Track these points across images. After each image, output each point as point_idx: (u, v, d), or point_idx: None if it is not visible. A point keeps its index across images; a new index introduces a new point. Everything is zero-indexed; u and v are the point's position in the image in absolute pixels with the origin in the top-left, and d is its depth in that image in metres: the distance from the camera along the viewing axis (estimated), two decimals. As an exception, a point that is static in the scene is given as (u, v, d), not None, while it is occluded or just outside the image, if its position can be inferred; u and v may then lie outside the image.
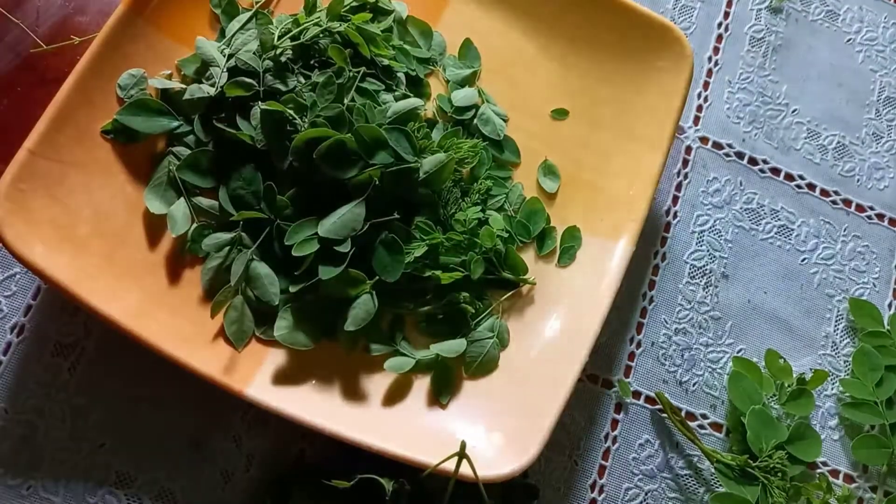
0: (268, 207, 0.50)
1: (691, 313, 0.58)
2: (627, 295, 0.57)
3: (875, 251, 0.61)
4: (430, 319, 0.52)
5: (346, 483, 0.44)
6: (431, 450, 0.45)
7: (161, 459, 0.50)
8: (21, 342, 0.51)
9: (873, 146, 0.63)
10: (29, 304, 0.52)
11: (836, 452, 0.56)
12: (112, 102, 0.50)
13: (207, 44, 0.52)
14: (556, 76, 0.57)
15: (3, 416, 0.50)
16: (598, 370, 0.55)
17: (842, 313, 0.59)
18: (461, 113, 0.55)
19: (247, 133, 0.50)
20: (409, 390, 0.50)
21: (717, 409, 0.56)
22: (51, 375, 0.50)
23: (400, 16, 0.57)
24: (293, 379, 0.49)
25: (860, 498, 0.55)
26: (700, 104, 0.62)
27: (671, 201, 0.60)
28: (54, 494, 0.49)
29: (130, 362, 0.51)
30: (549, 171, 0.56)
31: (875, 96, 0.64)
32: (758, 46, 0.64)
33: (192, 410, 0.51)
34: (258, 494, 0.50)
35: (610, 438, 0.54)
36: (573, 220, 0.54)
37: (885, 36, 0.66)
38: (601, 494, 0.53)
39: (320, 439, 0.47)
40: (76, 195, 0.48)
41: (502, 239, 0.53)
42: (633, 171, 0.54)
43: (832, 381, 0.57)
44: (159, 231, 0.50)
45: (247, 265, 0.49)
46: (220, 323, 0.49)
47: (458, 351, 0.50)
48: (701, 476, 0.54)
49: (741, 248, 0.59)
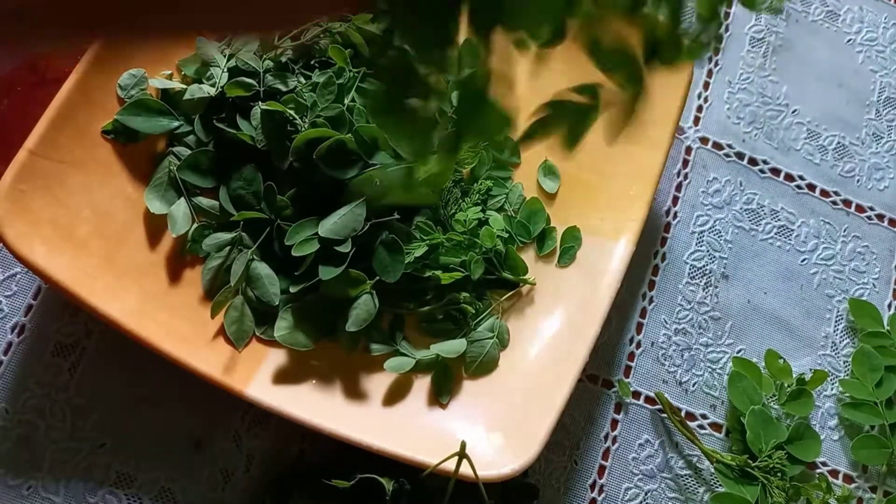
0: (268, 207, 0.50)
1: (691, 313, 0.58)
2: (627, 295, 0.57)
3: (875, 251, 0.61)
4: (430, 319, 0.52)
5: (346, 483, 0.44)
6: (431, 450, 0.45)
7: (161, 459, 0.50)
8: (21, 342, 0.51)
9: (873, 146, 0.63)
10: (29, 304, 0.52)
11: (836, 452, 0.56)
12: (112, 102, 0.50)
13: (208, 44, 0.52)
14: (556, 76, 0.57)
15: (3, 416, 0.50)
16: (598, 370, 0.55)
17: (842, 314, 0.59)
18: (461, 113, 0.55)
19: (247, 133, 0.50)
20: (409, 390, 0.50)
21: (716, 409, 0.56)
22: (51, 375, 0.50)
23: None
24: (293, 379, 0.49)
25: (860, 498, 0.55)
26: (700, 104, 0.62)
27: (671, 201, 0.60)
28: (54, 494, 0.49)
29: (130, 362, 0.51)
30: (549, 171, 0.56)
31: (875, 96, 0.64)
32: (758, 47, 0.64)
33: (192, 410, 0.51)
34: (258, 494, 0.50)
35: (610, 438, 0.54)
36: (573, 220, 0.54)
37: (885, 36, 0.66)
38: (601, 494, 0.53)
39: (320, 439, 0.47)
40: (76, 195, 0.48)
41: (502, 239, 0.53)
42: (633, 172, 0.54)
43: (832, 382, 0.57)
44: (159, 231, 0.50)
45: (247, 265, 0.49)
46: (220, 323, 0.49)
47: (459, 351, 0.50)
48: (701, 476, 0.54)
49: (741, 248, 0.59)
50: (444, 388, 0.50)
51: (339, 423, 0.46)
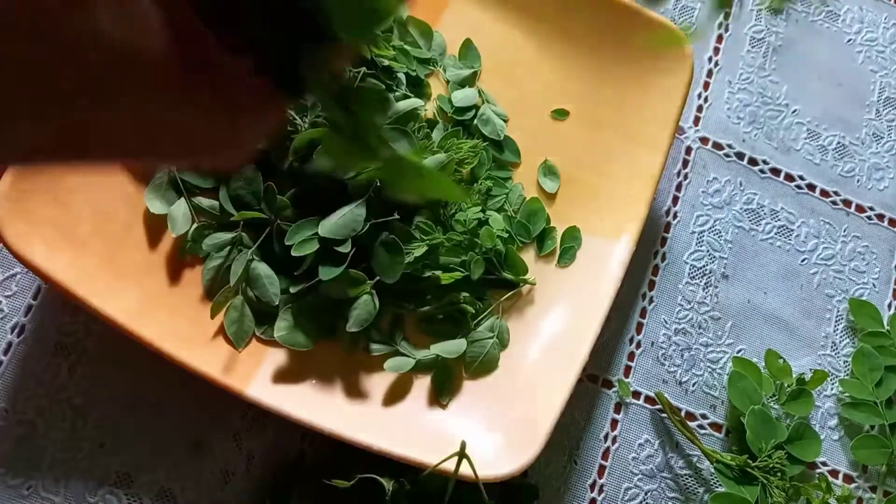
0: (268, 207, 0.50)
1: (691, 313, 0.58)
2: (627, 295, 0.57)
3: (875, 251, 0.61)
4: (430, 319, 0.52)
5: (346, 483, 0.44)
6: (431, 450, 0.45)
7: (161, 459, 0.50)
8: (21, 342, 0.51)
9: (873, 146, 0.63)
10: (29, 304, 0.52)
11: (836, 452, 0.56)
12: (112, 102, 0.50)
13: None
14: (556, 76, 0.57)
15: (3, 416, 0.50)
16: (598, 370, 0.55)
17: (842, 313, 0.59)
18: (461, 113, 0.55)
19: (247, 133, 0.50)
20: (409, 390, 0.50)
21: (716, 409, 0.56)
22: (51, 375, 0.50)
23: (400, 16, 0.57)
24: (293, 379, 0.49)
25: (859, 498, 0.55)
26: (700, 104, 0.62)
27: (671, 201, 0.60)
28: (54, 494, 0.49)
29: (130, 362, 0.50)
30: (549, 171, 0.56)
31: (875, 96, 0.64)
32: (758, 47, 0.64)
33: (192, 410, 0.51)
34: (258, 494, 0.50)
35: (609, 438, 0.54)
36: (573, 220, 0.54)
37: (885, 36, 0.66)
38: (601, 494, 0.53)
39: (320, 439, 0.47)
40: (76, 195, 0.48)
41: (502, 239, 0.53)
42: (633, 171, 0.54)
43: (832, 382, 0.57)
44: (159, 231, 0.50)
45: (247, 265, 0.49)
46: (220, 323, 0.49)
47: (459, 352, 0.50)
48: (700, 476, 0.54)
49: (741, 248, 0.59)
50: (444, 389, 0.50)
51: (339, 423, 0.46)
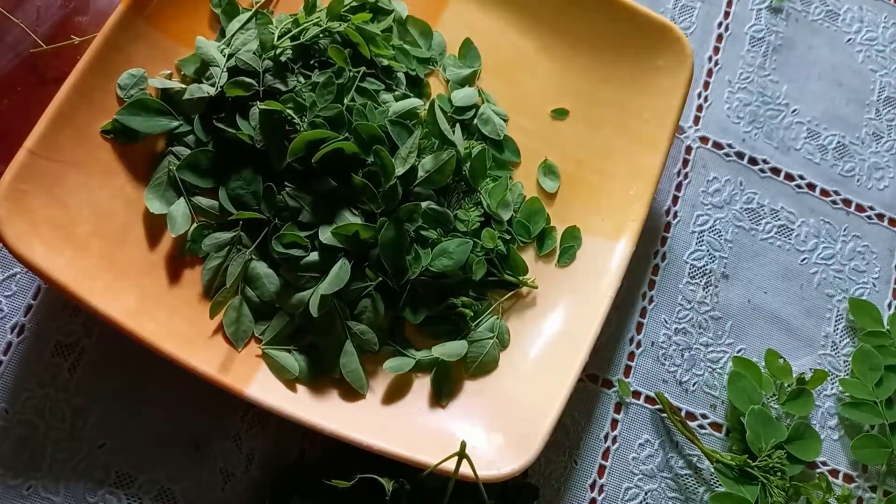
0: (267, 207, 0.50)
1: (691, 313, 0.58)
2: (627, 295, 0.57)
3: (875, 251, 0.61)
4: (430, 320, 0.51)
5: (346, 483, 0.44)
6: (431, 450, 0.45)
7: (161, 459, 0.50)
8: (21, 342, 0.51)
9: (873, 146, 0.63)
10: (29, 304, 0.52)
11: (836, 452, 0.56)
12: (112, 102, 0.50)
13: (207, 44, 0.51)
14: (556, 76, 0.57)
15: (3, 416, 0.50)
16: (598, 370, 0.55)
17: (842, 313, 0.59)
18: (461, 113, 0.55)
19: (246, 133, 0.49)
20: (409, 390, 0.50)
21: (716, 409, 0.56)
22: (51, 375, 0.50)
23: (400, 16, 0.57)
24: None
25: (860, 497, 0.55)
26: (700, 104, 0.62)
27: (671, 201, 0.60)
28: (54, 494, 0.49)
29: (130, 362, 0.51)
30: (549, 171, 0.56)
31: (875, 96, 0.64)
32: (758, 46, 0.64)
33: (192, 410, 0.51)
34: (258, 494, 0.50)
35: (610, 438, 0.54)
36: (573, 220, 0.54)
37: (885, 36, 0.66)
38: (601, 494, 0.53)
39: (320, 439, 0.47)
40: (76, 195, 0.48)
41: (503, 240, 0.53)
42: (633, 171, 0.54)
43: (832, 381, 0.57)
44: (159, 231, 0.50)
45: (245, 265, 0.49)
46: (220, 323, 0.49)
47: (459, 354, 0.50)
48: (701, 476, 0.54)
49: (741, 248, 0.59)
50: (444, 389, 0.50)
51: (339, 423, 0.46)
